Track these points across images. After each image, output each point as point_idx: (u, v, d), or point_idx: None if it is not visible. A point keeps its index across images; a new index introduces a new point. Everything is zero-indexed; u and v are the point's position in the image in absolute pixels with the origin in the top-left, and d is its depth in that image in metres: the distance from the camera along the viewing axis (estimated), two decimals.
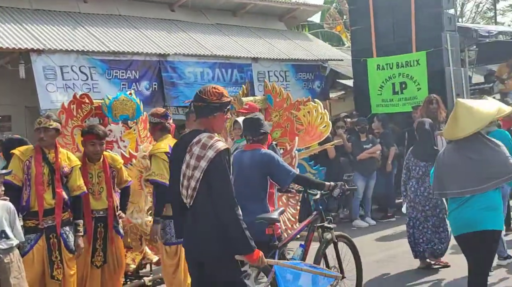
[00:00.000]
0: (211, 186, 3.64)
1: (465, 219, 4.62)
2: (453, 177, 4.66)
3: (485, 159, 4.57)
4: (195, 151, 3.66)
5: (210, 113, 3.75)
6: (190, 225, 3.77)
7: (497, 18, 38.67)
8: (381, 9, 11.33)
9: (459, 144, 4.70)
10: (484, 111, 4.65)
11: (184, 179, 3.71)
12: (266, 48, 11.88)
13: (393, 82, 11.16)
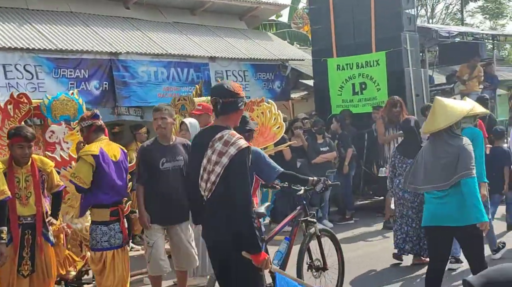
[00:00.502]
0: (230, 182, 3.75)
1: (437, 213, 4.87)
2: (422, 172, 4.97)
3: (450, 156, 4.80)
4: (217, 146, 3.78)
5: (234, 110, 3.92)
6: (207, 217, 3.95)
7: (467, 19, 39.13)
8: (341, 9, 11.19)
9: (432, 140, 5.02)
10: (458, 108, 4.96)
11: (205, 173, 3.84)
12: (225, 47, 11.62)
13: (353, 82, 11.03)
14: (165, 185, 5.49)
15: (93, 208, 5.35)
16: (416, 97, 10.63)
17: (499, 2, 38.91)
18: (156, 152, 5.58)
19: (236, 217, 3.71)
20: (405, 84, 10.47)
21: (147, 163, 5.61)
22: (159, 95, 9.95)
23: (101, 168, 5.20)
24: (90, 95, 9.27)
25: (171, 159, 5.56)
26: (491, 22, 39.76)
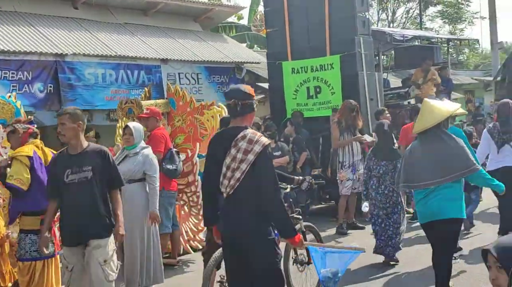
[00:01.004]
0: (259, 176, 4.01)
1: (431, 209, 5.15)
2: (417, 171, 5.19)
3: (444, 153, 5.11)
4: (242, 145, 4.03)
5: (250, 111, 4.21)
6: (230, 212, 4.15)
7: (427, 24, 39.69)
8: (296, 12, 11.07)
9: (422, 140, 5.29)
10: (443, 109, 5.35)
11: (228, 171, 4.05)
12: (178, 49, 11.38)
13: (308, 86, 10.92)
14: (71, 200, 4.68)
15: (22, 216, 5.09)
16: (370, 101, 10.58)
17: (458, 7, 39.61)
18: (61, 162, 4.79)
19: (265, 209, 4.02)
20: (359, 88, 10.41)
21: (52, 175, 4.84)
22: (106, 98, 9.66)
23: (33, 172, 4.97)
24: (33, 98, 8.94)
25: (77, 170, 4.69)
26: (450, 27, 40.44)
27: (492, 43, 25.02)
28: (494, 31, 24.55)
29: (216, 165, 4.14)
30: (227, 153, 4.06)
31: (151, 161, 6.19)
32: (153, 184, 6.13)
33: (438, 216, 5.13)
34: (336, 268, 4.65)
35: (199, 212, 8.17)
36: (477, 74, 28.70)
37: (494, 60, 25.37)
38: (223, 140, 4.17)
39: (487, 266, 2.48)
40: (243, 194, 4.05)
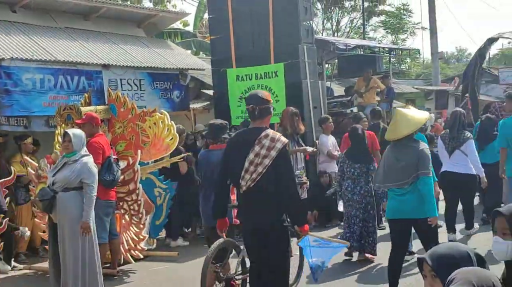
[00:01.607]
0: (280, 170, 4.65)
1: (398, 207, 5.69)
2: (386, 173, 5.79)
3: (411, 158, 5.65)
4: (266, 143, 4.63)
5: (268, 114, 4.85)
6: (250, 202, 4.74)
7: (370, 33, 40.46)
8: (240, 19, 11.11)
9: (396, 145, 5.83)
10: (417, 118, 5.90)
11: (251, 165, 4.64)
12: (120, 55, 11.16)
13: None
14: None
15: None
16: (314, 109, 10.68)
17: (400, 18, 40.53)
18: None
19: (284, 200, 4.67)
20: (303, 96, 10.50)
21: None
22: (44, 104, 9.36)
23: None
24: None
25: None
26: (392, 37, 41.31)
27: (432, 53, 25.73)
28: (434, 41, 25.29)
29: (236, 161, 4.74)
30: (251, 149, 4.65)
31: (89, 169, 6.03)
32: (89, 193, 5.97)
33: (404, 214, 5.68)
34: (324, 257, 5.33)
35: (140, 221, 8.02)
36: (418, 83, 29.41)
37: (435, 69, 26.13)
38: (246, 139, 4.78)
39: (423, 275, 2.52)
40: (263, 186, 4.65)
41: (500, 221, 2.75)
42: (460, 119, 8.01)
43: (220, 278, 5.60)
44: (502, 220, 2.74)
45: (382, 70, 15.28)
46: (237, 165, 4.72)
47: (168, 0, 23.55)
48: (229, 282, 5.71)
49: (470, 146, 7.93)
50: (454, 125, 7.97)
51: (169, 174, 8.87)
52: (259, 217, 4.69)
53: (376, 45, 16.14)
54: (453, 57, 70.47)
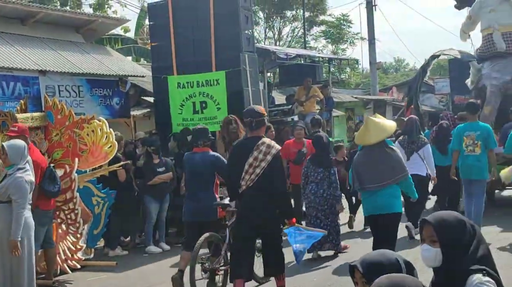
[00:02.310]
0: (274, 172, 5.64)
1: (377, 204, 6.36)
2: (367, 175, 6.41)
3: (387, 163, 6.36)
4: (262, 149, 5.63)
5: (263, 125, 5.89)
6: (249, 199, 5.71)
7: (311, 43, 41.05)
8: (182, 27, 11.05)
9: (370, 150, 6.47)
10: (389, 126, 6.63)
11: (250, 168, 5.61)
12: (58, 61, 10.93)
13: (194, 101, 10.89)
14: None
15: None
16: None
17: (340, 28, 41.32)
18: None
19: (275, 196, 5.71)
20: (244, 104, 10.51)
21: None
22: None
23: None
24: None
25: None
26: (333, 46, 42.06)
27: (371, 63, 26.33)
28: (373, 52, 25.90)
29: (238, 164, 5.72)
30: (250, 154, 5.61)
31: (18, 185, 5.82)
32: (16, 210, 5.75)
33: (384, 210, 6.36)
34: (305, 244, 6.09)
35: (77, 230, 7.86)
36: (358, 93, 30.01)
37: (373, 79, 26.73)
38: (246, 146, 5.76)
39: (354, 282, 2.58)
40: (260, 185, 5.63)
41: (428, 229, 2.84)
42: (416, 125, 8.77)
43: (205, 268, 6.24)
44: (430, 228, 2.82)
45: (322, 80, 15.52)
46: (239, 168, 5.69)
47: (108, 6, 23.22)
48: (214, 272, 6.29)
49: (427, 150, 8.74)
50: (412, 130, 8.58)
51: (108, 182, 8.73)
52: (256, 209, 5.69)
53: (316, 55, 16.39)
54: (391, 67, 72.30)
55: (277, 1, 38.84)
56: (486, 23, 11.91)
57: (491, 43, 11.74)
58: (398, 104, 28.14)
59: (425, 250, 2.83)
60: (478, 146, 8.56)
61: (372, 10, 25.68)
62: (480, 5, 12.03)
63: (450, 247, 2.75)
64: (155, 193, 9.34)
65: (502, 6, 11.58)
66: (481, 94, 11.80)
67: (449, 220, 2.81)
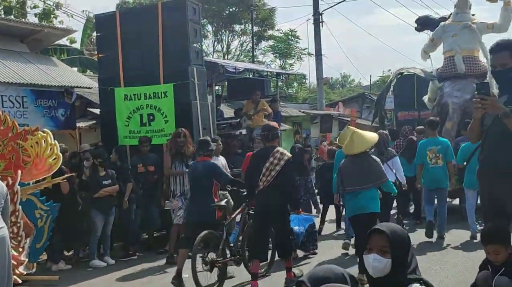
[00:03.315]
0: (285, 175, 7.05)
1: (359, 205, 7.30)
2: (351, 179, 7.37)
3: (369, 169, 7.37)
4: (277, 155, 7.08)
5: (277, 137, 7.56)
6: (265, 195, 7.11)
7: (259, 57, 41.40)
8: (130, 38, 10.98)
9: (354, 158, 7.45)
10: (370, 137, 7.64)
11: (267, 171, 7.04)
12: (1, 71, 10.64)
13: (141, 113, 10.80)
14: None
15: None
16: (203, 130, 10.72)
17: (288, 43, 41.84)
18: None
19: (287, 193, 7.19)
20: (193, 117, 10.51)
21: None
22: None
23: None
24: None
25: None
26: (281, 61, 42.54)
27: (317, 78, 26.74)
28: (320, 67, 26.30)
29: (257, 169, 7.17)
30: (267, 160, 7.06)
31: None
32: None
33: (364, 210, 7.25)
34: (303, 226, 8.14)
35: (19, 244, 7.63)
36: (305, 107, 30.42)
37: (319, 94, 27.13)
38: (264, 154, 7.26)
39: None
40: (274, 185, 7.04)
41: (380, 239, 2.87)
42: (384, 139, 9.27)
43: (206, 261, 7.16)
44: (383, 238, 2.86)
45: (270, 94, 15.66)
46: (257, 171, 7.15)
47: (54, 16, 22.81)
48: (213, 265, 7.20)
49: (396, 161, 9.27)
50: (379, 143, 8.96)
51: (51, 195, 8.55)
52: (271, 204, 7.08)
53: (265, 69, 16.55)
54: (337, 83, 73.57)
55: (226, 15, 39.13)
56: (449, 46, 13.03)
57: (452, 64, 12.86)
58: (344, 119, 28.67)
59: (376, 260, 2.86)
60: (440, 158, 9.63)
61: (319, 26, 26.11)
62: (443, 29, 13.18)
63: (399, 257, 2.83)
64: (101, 206, 9.22)
65: (463, 31, 12.71)
66: (443, 110, 12.80)
67: (399, 232, 2.91)
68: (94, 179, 9.28)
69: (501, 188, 4.70)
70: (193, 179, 8.02)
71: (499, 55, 4.77)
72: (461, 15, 13.23)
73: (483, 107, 4.45)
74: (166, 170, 9.36)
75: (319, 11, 26.14)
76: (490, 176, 4.84)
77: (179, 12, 10.68)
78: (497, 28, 13.02)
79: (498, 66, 4.80)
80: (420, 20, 14.93)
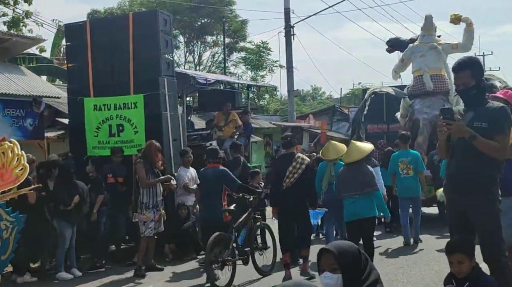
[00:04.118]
0: (306, 177, 8.22)
1: (357, 210, 7.88)
2: (348, 186, 8.01)
3: (363, 177, 7.96)
4: (299, 160, 8.22)
5: (295, 144, 8.92)
6: (288, 195, 8.15)
7: (231, 69, 41.49)
8: (100, 48, 10.91)
9: (351, 166, 8.12)
10: (365, 148, 8.39)
11: (290, 173, 8.14)
12: None
13: (110, 124, 10.71)
14: None
15: None
16: (173, 142, 10.69)
17: (260, 55, 42.03)
18: None
19: (307, 193, 8.31)
20: (163, 128, 10.47)
21: None
22: None
23: None
24: None
25: None
26: (252, 73, 42.68)
27: (288, 90, 26.86)
28: (291, 79, 26.41)
29: (280, 172, 8.30)
30: (290, 164, 8.18)
31: None
32: None
33: (364, 215, 7.85)
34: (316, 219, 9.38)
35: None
36: (276, 119, 30.52)
37: (290, 106, 27.24)
38: (287, 158, 8.39)
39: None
40: (296, 186, 8.14)
41: (329, 258, 3.04)
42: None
43: (217, 261, 7.82)
44: (330, 257, 3.03)
45: (241, 105, 15.68)
46: (282, 173, 8.24)
47: (24, 24, 22.51)
48: (224, 263, 7.89)
49: (377, 171, 9.72)
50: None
51: (17, 206, 8.37)
52: (294, 203, 8.18)
53: (236, 81, 16.57)
54: (308, 95, 74.11)
55: (198, 26, 39.19)
56: (417, 66, 13.99)
57: (421, 83, 13.80)
58: (314, 131, 28.85)
59: (328, 278, 3.02)
60: (410, 169, 10.57)
61: (291, 39, 26.26)
62: (412, 50, 14.19)
63: (349, 272, 2.97)
64: (69, 217, 9.09)
65: (430, 52, 13.69)
66: (414, 125, 13.71)
67: (346, 248, 3.06)
68: (60, 190, 9.15)
69: (466, 202, 4.80)
70: (204, 184, 8.94)
71: (461, 74, 4.92)
72: (428, 37, 14.16)
73: (448, 131, 4.72)
74: (143, 182, 9.20)
75: (291, 24, 26.30)
76: (456, 190, 4.95)
77: (150, 23, 10.68)
78: (460, 48, 13.98)
79: (461, 85, 4.95)
80: (390, 42, 15.81)
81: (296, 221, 8.39)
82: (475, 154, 4.70)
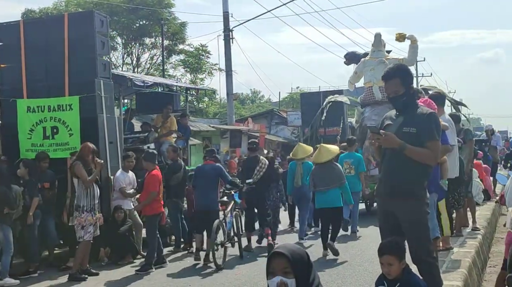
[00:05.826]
0: (269, 175, 10.87)
1: (327, 200, 9.84)
2: (320, 181, 9.89)
3: (333, 173, 9.90)
4: (263, 162, 10.74)
5: (259, 149, 11.58)
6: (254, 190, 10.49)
7: (170, 71, 41.19)
8: (34, 49, 10.64)
9: (322, 165, 10.01)
10: (334, 149, 10.44)
11: (256, 171, 10.53)
12: None
13: (44, 126, 10.47)
14: None
15: None
16: (109, 145, 10.55)
17: (199, 58, 41.94)
18: None
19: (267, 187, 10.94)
20: (99, 131, 10.31)
21: None
22: None
23: None
24: None
25: None
26: (191, 76, 42.53)
27: (227, 94, 26.93)
28: (230, 83, 26.50)
29: (250, 171, 10.63)
30: (257, 165, 10.57)
31: None
32: None
33: (331, 204, 9.81)
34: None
35: None
36: (215, 122, 30.57)
37: (229, 109, 27.32)
38: (254, 160, 10.82)
39: None
40: (261, 182, 10.54)
41: (281, 262, 2.96)
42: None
43: (217, 243, 9.26)
44: (283, 261, 2.96)
45: (179, 108, 15.62)
46: (250, 172, 10.58)
47: None
48: (223, 245, 9.59)
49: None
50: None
51: None
52: (258, 197, 10.58)
53: (174, 83, 16.47)
54: (248, 99, 74.49)
55: (136, 27, 38.69)
56: (368, 78, 15.56)
57: (371, 93, 15.26)
58: (253, 134, 29.04)
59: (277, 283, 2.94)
60: (352, 169, 12.31)
61: (230, 42, 26.36)
62: (364, 64, 15.79)
63: (302, 276, 2.95)
64: (11, 221, 8.86)
65: (379, 66, 14.85)
66: (363, 131, 14.97)
67: (298, 252, 3.02)
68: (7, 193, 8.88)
69: (395, 205, 4.98)
70: (201, 178, 10.16)
71: (390, 82, 5.11)
72: (377, 53, 15.72)
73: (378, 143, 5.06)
74: (86, 181, 8.98)
75: (230, 27, 26.42)
76: (385, 194, 5.13)
77: (86, 23, 10.50)
78: (406, 62, 14.76)
79: (392, 93, 5.12)
80: (348, 55, 17.44)
81: (257, 207, 10.79)
82: (403, 160, 4.89)
